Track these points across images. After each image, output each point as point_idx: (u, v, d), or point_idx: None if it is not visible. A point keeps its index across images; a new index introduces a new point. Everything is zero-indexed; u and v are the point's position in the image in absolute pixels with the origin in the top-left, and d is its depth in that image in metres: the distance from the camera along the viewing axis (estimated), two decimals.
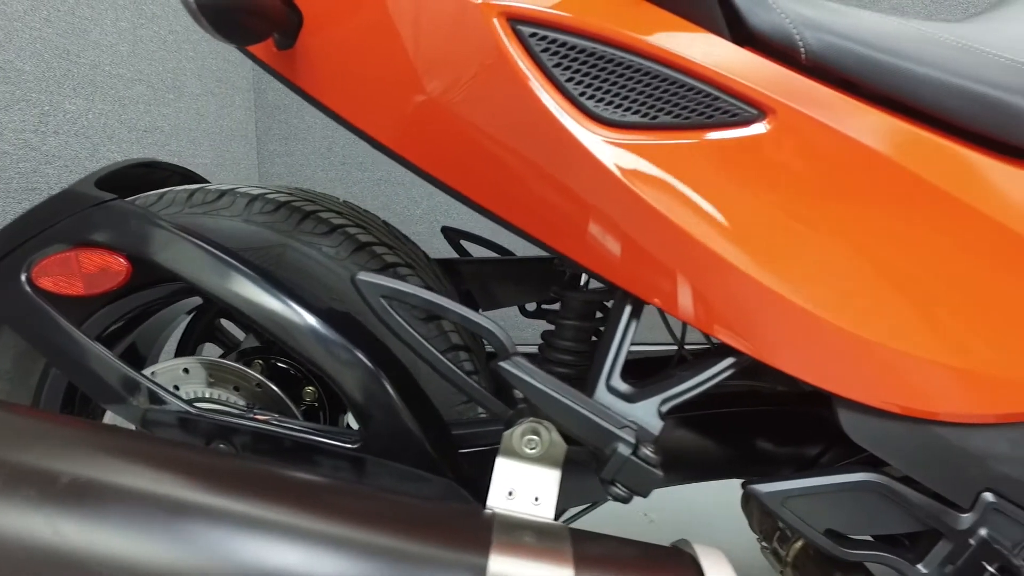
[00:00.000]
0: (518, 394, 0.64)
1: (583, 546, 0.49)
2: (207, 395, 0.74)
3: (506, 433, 0.59)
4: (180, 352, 0.98)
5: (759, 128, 0.57)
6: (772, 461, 0.72)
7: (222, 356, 0.86)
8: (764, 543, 0.82)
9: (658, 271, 0.58)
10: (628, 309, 0.61)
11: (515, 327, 2.10)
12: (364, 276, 0.58)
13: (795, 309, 0.59)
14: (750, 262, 0.58)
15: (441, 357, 0.60)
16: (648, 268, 0.58)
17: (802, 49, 0.58)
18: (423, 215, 2.10)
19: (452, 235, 1.06)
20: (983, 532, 0.66)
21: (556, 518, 0.79)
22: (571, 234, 0.58)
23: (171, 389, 0.72)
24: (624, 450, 0.55)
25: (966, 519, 0.66)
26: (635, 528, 1.30)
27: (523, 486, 0.58)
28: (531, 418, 0.58)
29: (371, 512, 0.46)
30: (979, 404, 0.63)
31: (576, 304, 0.73)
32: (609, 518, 1.32)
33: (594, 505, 0.81)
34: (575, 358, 0.74)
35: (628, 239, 0.57)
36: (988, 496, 0.65)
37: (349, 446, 0.65)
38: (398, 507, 0.48)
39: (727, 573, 0.48)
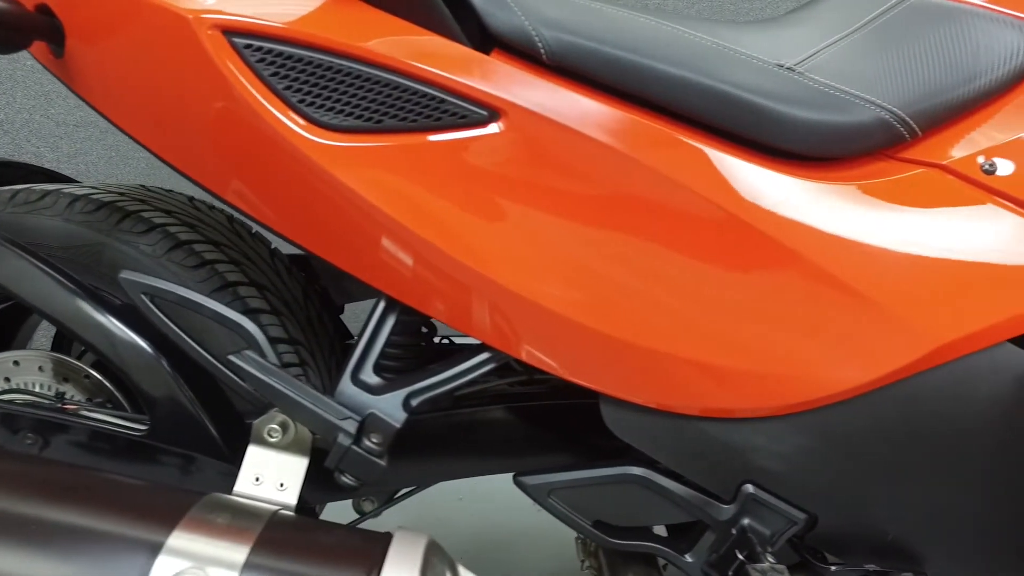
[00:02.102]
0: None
1: (275, 529, 0.52)
2: (16, 385, 0.78)
3: (256, 422, 0.62)
4: (56, 345, 1.03)
5: (491, 129, 0.59)
6: (548, 454, 0.74)
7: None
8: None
9: (399, 270, 0.61)
10: (381, 305, 0.64)
11: None
12: (126, 275, 0.62)
13: (537, 308, 0.61)
14: (486, 262, 0.60)
15: (204, 352, 0.63)
16: (388, 267, 0.61)
17: (542, 49, 0.59)
18: None
19: None
20: (745, 522, 0.67)
21: (373, 506, 0.82)
22: (318, 235, 0.61)
23: None
24: (344, 440, 0.58)
25: (728, 510, 0.67)
26: (443, 508, 1.31)
27: (269, 473, 0.61)
28: (277, 408, 0.61)
29: (57, 487, 0.50)
30: (736, 399, 0.65)
31: None
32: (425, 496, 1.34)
33: (416, 489, 0.84)
34: (401, 351, 0.77)
35: (364, 240, 0.60)
36: (748, 488, 0.67)
37: (135, 434, 0.69)
38: (98, 485, 0.52)
39: (411, 562, 0.51)
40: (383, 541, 0.53)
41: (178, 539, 0.49)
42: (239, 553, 0.48)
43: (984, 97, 0.66)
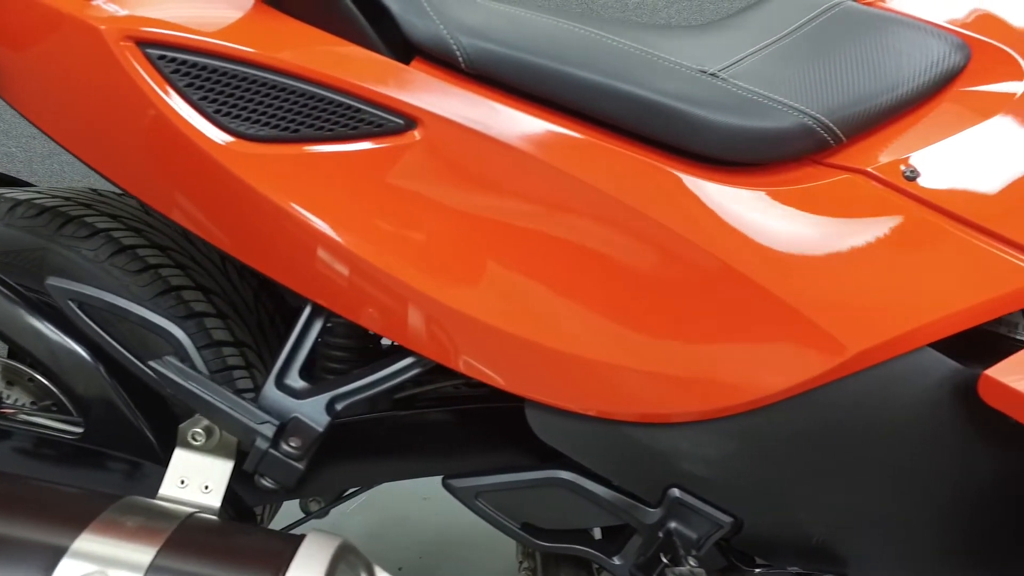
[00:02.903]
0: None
1: (187, 531, 0.53)
2: None
3: (181, 426, 0.63)
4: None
5: (408, 138, 0.60)
6: (484, 456, 0.75)
7: None
8: None
9: (321, 277, 0.62)
10: (307, 310, 0.65)
11: None
12: (53, 281, 0.63)
13: (456, 314, 0.62)
14: (406, 269, 0.61)
15: (131, 358, 0.64)
16: (310, 274, 0.62)
17: (460, 57, 0.60)
18: None
19: None
20: (672, 525, 0.68)
21: (319, 506, 0.83)
22: (242, 243, 0.62)
23: None
24: (261, 443, 0.59)
25: (654, 514, 0.68)
26: (408, 507, 1.33)
27: (195, 475, 0.62)
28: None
29: None
30: (660, 405, 0.65)
31: None
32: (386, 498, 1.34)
33: (362, 489, 0.85)
34: (347, 354, 0.78)
35: (285, 247, 0.61)
36: (675, 492, 0.67)
37: (70, 438, 0.70)
38: (9, 489, 0.53)
39: (317, 564, 0.51)
40: (295, 543, 0.54)
41: (85, 542, 0.49)
42: (145, 555, 0.49)
43: (907, 104, 0.66)
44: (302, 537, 0.55)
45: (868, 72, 0.66)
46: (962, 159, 0.64)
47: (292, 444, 0.60)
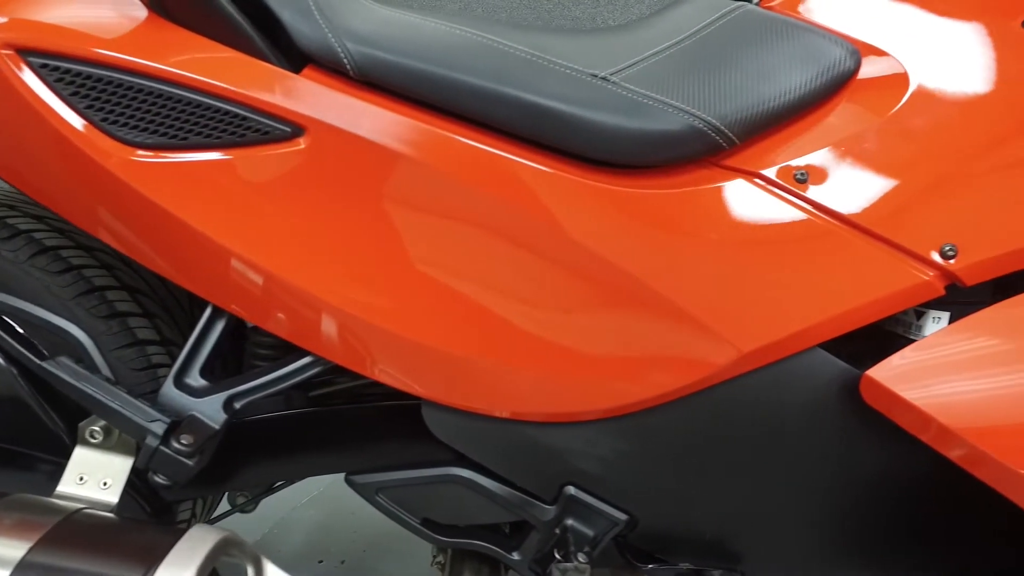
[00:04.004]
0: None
1: (67, 526, 0.55)
2: None
3: (80, 424, 0.65)
4: None
5: (295, 145, 0.61)
6: (385, 454, 0.76)
7: None
8: None
9: (217, 280, 0.63)
10: (208, 312, 0.67)
11: None
12: None
13: (349, 316, 0.63)
14: (297, 273, 0.62)
15: (31, 357, 0.66)
16: (207, 278, 0.63)
17: (348, 64, 0.61)
18: None
19: None
20: (569, 522, 0.69)
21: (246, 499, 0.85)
22: (139, 248, 0.64)
23: None
24: (152, 441, 0.61)
25: (551, 511, 0.69)
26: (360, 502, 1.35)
27: (94, 472, 0.64)
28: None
29: None
30: (552, 404, 0.67)
31: None
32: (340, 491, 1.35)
33: (286, 484, 0.87)
34: (273, 352, 0.80)
35: (180, 252, 0.62)
36: (570, 489, 0.69)
37: None
38: None
39: (191, 557, 0.53)
40: (175, 537, 0.56)
41: None
42: (17, 551, 0.51)
43: (801, 108, 0.67)
44: (184, 531, 0.57)
45: (762, 75, 0.67)
46: (850, 162, 0.65)
47: (183, 441, 0.62)
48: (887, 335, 0.68)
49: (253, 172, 0.61)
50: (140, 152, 0.59)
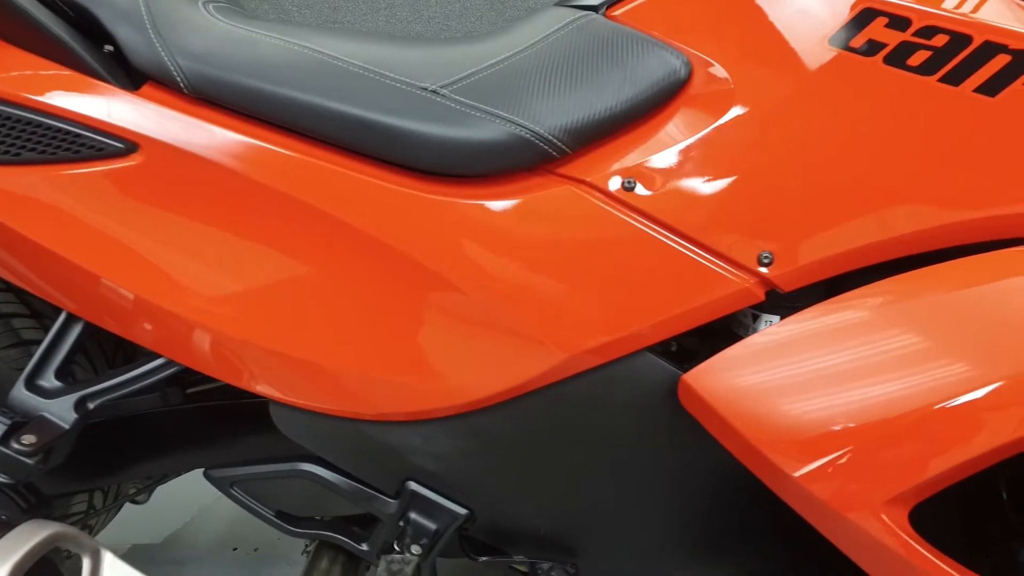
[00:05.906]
0: None
1: None
2: None
3: None
4: None
5: (129, 161, 0.64)
6: (243, 449, 0.80)
7: None
8: None
9: (65, 289, 0.67)
10: (63, 316, 0.70)
11: None
12: None
13: (187, 321, 0.67)
14: (137, 283, 0.66)
15: None
16: (52, 283, 0.67)
17: (181, 81, 0.64)
18: None
19: None
20: (412, 516, 0.72)
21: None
22: None
23: None
24: None
25: (393, 505, 0.73)
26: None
27: None
28: None
29: None
30: (386, 404, 0.69)
31: None
32: None
33: (172, 476, 0.91)
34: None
35: (24, 260, 0.66)
36: (412, 485, 0.72)
37: None
38: None
39: (11, 551, 0.57)
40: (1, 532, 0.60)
41: None
42: None
43: (633, 117, 0.68)
44: (14, 526, 0.61)
45: (595, 85, 0.68)
46: (677, 171, 0.66)
47: (24, 442, 0.66)
48: (732, 336, 0.69)
49: (89, 187, 0.64)
50: None
